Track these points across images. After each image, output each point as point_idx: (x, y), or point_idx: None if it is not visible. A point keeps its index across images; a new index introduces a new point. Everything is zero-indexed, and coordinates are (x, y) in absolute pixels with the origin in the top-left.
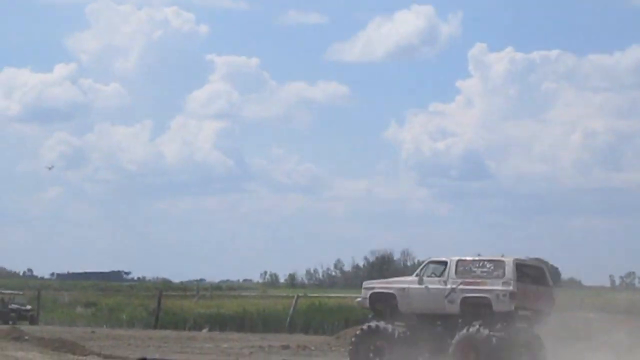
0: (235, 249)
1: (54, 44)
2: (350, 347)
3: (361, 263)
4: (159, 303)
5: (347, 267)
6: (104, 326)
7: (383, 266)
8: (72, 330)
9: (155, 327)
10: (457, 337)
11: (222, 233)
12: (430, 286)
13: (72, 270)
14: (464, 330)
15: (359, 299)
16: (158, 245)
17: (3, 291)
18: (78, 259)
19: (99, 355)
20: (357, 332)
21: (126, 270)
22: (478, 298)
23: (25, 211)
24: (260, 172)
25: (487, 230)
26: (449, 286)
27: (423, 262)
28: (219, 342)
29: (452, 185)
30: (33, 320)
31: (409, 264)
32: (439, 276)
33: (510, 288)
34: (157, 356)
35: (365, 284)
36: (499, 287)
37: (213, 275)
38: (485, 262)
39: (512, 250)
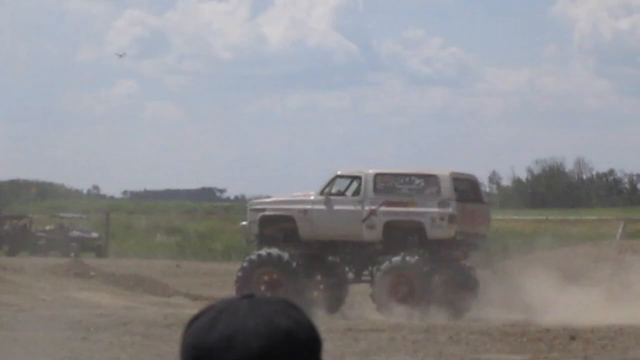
0: (358, 156)
1: None
2: (238, 280)
3: (523, 176)
4: None
5: (506, 181)
6: (192, 258)
7: (552, 179)
8: (150, 264)
9: None
10: (385, 267)
11: (341, 137)
12: (341, 207)
13: (150, 188)
14: (396, 259)
15: (243, 223)
16: (261, 155)
17: (62, 215)
18: (158, 174)
19: (186, 295)
20: (246, 261)
21: (220, 187)
22: (407, 222)
23: (89, 112)
24: (391, 59)
25: None
26: (367, 207)
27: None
28: None
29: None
30: (100, 252)
31: (584, 176)
32: (343, 192)
33: (449, 210)
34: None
35: (252, 204)
36: (435, 209)
37: None
38: (413, 177)
39: None
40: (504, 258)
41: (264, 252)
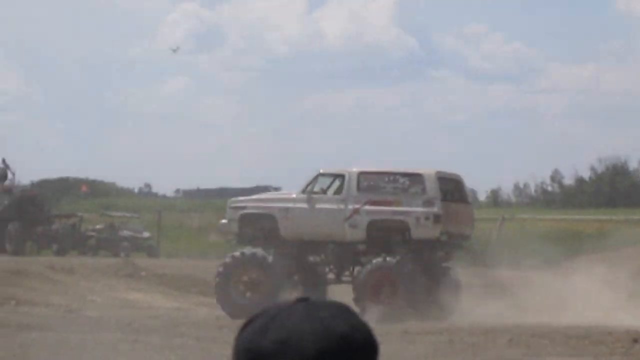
0: (418, 155)
1: None
2: (217, 280)
3: (586, 175)
4: None
5: (568, 180)
6: None
7: (615, 178)
8: (203, 264)
9: None
10: (369, 267)
11: (400, 135)
12: (323, 206)
13: (203, 186)
14: (379, 260)
15: (223, 221)
16: (316, 152)
17: (112, 214)
18: (211, 171)
19: None
20: (225, 261)
21: (275, 185)
22: (391, 222)
23: (141, 108)
24: (451, 54)
25: None
26: (350, 206)
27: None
28: None
29: None
30: (152, 252)
31: None
32: (325, 191)
33: (435, 209)
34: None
35: (232, 202)
36: (420, 209)
37: None
38: (398, 176)
39: None
40: (566, 259)
41: (244, 251)
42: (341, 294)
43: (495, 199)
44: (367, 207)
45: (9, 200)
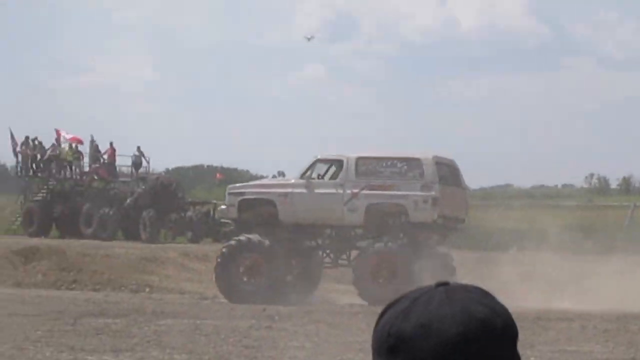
0: (551, 144)
1: None
2: (217, 266)
3: None
4: None
5: None
6: None
7: None
8: None
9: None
10: (369, 251)
11: (532, 123)
12: (322, 191)
13: None
14: (378, 244)
15: (222, 207)
16: (445, 139)
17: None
18: None
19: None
20: (225, 247)
21: None
22: (389, 206)
23: (275, 96)
24: (585, 43)
25: None
26: (348, 191)
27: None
28: (530, 266)
29: None
30: None
31: None
32: (322, 176)
33: (433, 193)
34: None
35: (231, 188)
36: (418, 192)
37: (523, 179)
38: (396, 161)
39: None
40: None
41: (243, 237)
42: (337, 277)
43: (627, 186)
44: (366, 191)
45: (144, 188)
